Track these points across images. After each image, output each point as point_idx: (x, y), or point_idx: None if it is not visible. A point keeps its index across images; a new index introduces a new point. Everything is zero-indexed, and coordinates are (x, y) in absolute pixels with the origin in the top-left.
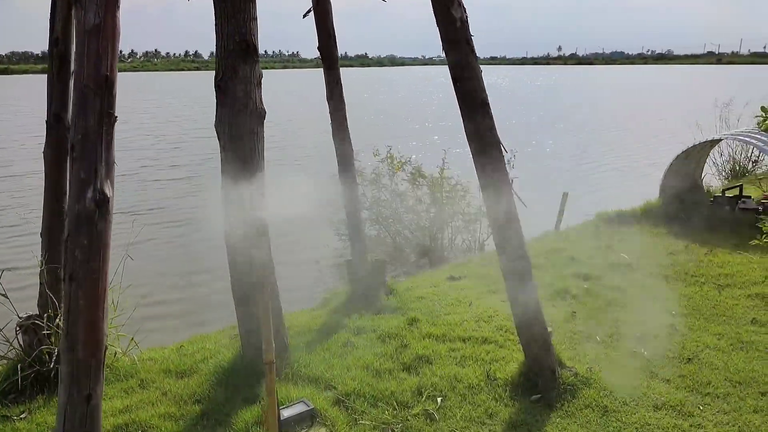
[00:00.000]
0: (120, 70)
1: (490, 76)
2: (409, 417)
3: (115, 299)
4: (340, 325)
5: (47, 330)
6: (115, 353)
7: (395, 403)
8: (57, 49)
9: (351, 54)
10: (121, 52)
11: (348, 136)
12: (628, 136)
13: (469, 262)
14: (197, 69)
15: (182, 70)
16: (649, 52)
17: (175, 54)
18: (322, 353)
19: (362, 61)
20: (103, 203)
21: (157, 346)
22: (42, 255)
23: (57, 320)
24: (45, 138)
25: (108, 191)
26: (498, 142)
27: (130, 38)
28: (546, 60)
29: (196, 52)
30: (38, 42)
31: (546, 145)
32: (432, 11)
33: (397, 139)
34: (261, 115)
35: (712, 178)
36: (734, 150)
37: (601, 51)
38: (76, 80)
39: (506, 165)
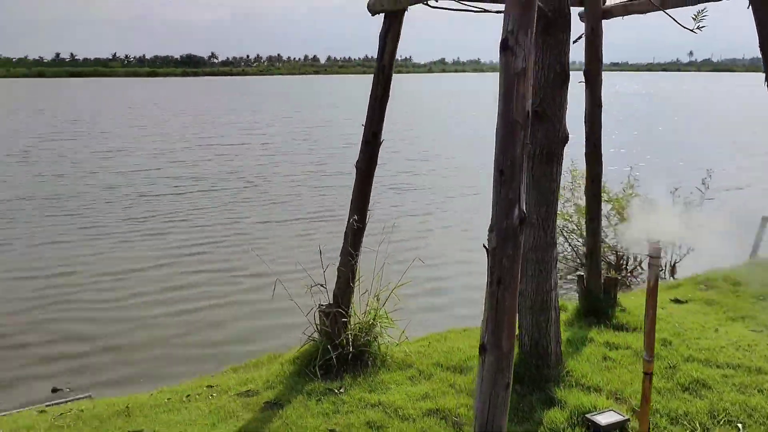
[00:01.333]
0: (246, 74)
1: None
2: None
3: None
4: (585, 339)
5: (345, 318)
6: (387, 345)
7: (696, 423)
8: (383, 75)
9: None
10: (247, 56)
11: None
12: None
13: (682, 285)
14: (316, 73)
15: (303, 74)
16: None
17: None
18: (587, 365)
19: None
20: (524, 220)
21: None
22: (346, 253)
23: (350, 309)
24: (359, 153)
25: (525, 210)
26: None
27: (252, 43)
28: (676, 66)
29: (315, 56)
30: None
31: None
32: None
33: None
34: (566, 139)
35: None
36: None
37: (741, 57)
38: (503, 115)
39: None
